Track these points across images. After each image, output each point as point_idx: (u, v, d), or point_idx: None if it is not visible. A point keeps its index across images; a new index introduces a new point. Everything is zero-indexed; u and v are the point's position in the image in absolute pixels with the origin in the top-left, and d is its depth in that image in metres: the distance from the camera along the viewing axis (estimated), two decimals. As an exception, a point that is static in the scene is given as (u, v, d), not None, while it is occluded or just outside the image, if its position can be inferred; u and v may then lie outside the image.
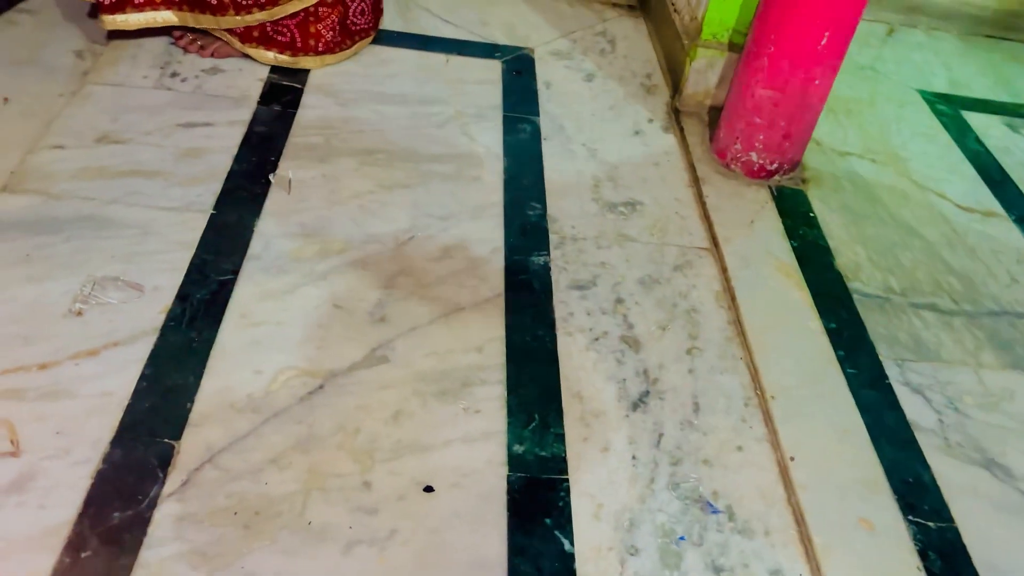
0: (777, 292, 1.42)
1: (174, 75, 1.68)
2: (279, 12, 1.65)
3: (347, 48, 1.81)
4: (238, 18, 1.65)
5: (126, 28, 1.65)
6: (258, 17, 1.66)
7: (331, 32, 1.74)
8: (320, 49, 1.75)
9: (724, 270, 1.45)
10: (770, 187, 1.64)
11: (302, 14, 1.68)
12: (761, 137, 1.60)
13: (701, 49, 1.76)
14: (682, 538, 1.05)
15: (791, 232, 1.54)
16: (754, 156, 1.62)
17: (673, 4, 1.98)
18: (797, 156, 1.66)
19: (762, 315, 1.36)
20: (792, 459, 1.16)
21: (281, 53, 1.73)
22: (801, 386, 1.26)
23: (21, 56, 1.67)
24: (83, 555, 0.93)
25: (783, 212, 1.59)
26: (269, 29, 1.69)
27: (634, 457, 1.14)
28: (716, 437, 1.18)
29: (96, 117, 1.54)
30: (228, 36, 1.70)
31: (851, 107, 1.94)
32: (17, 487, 0.98)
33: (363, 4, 1.79)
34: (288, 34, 1.71)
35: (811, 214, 1.60)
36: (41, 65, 1.65)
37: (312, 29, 1.71)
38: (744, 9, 1.71)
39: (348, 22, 1.77)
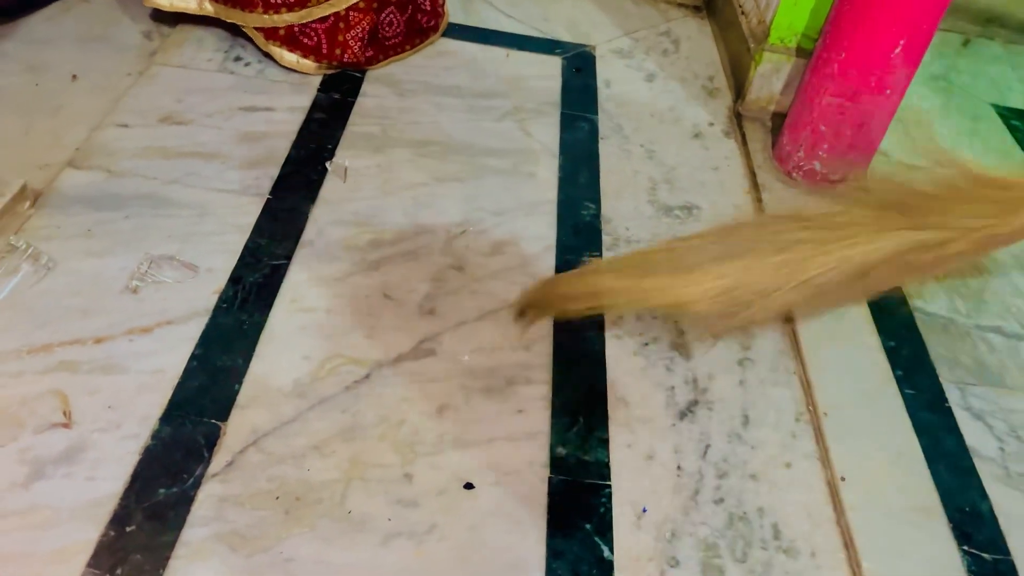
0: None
1: (237, 59, 1.70)
2: (308, 16, 1.61)
3: (378, 62, 1.74)
4: (266, 17, 1.62)
5: (161, 8, 1.66)
6: (286, 18, 1.62)
7: (359, 44, 1.66)
8: (345, 60, 1.67)
9: (780, 280, 1.41)
10: (832, 197, 1.59)
11: (332, 18, 1.62)
12: (825, 146, 1.55)
13: (768, 53, 1.72)
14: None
15: (852, 245, 1.49)
16: (817, 165, 1.58)
17: (740, 6, 1.94)
18: (862, 167, 1.61)
19: (818, 329, 1.32)
20: (843, 479, 1.12)
21: (304, 57, 1.66)
22: (855, 404, 1.22)
23: (92, 34, 1.70)
24: (128, 529, 0.94)
25: (845, 224, 1.54)
26: (296, 30, 1.64)
27: (679, 467, 1.11)
28: (764, 452, 1.15)
29: (161, 97, 1.56)
30: (253, 33, 1.66)
31: (921, 118, 1.88)
32: (67, 458, 0.99)
33: (393, 16, 1.72)
34: (315, 38, 1.65)
35: (874, 227, 1.54)
36: (111, 43, 1.69)
37: (340, 37, 1.64)
38: (815, 13, 1.67)
39: (380, 35, 1.72)
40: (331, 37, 1.65)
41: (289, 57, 1.67)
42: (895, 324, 1.36)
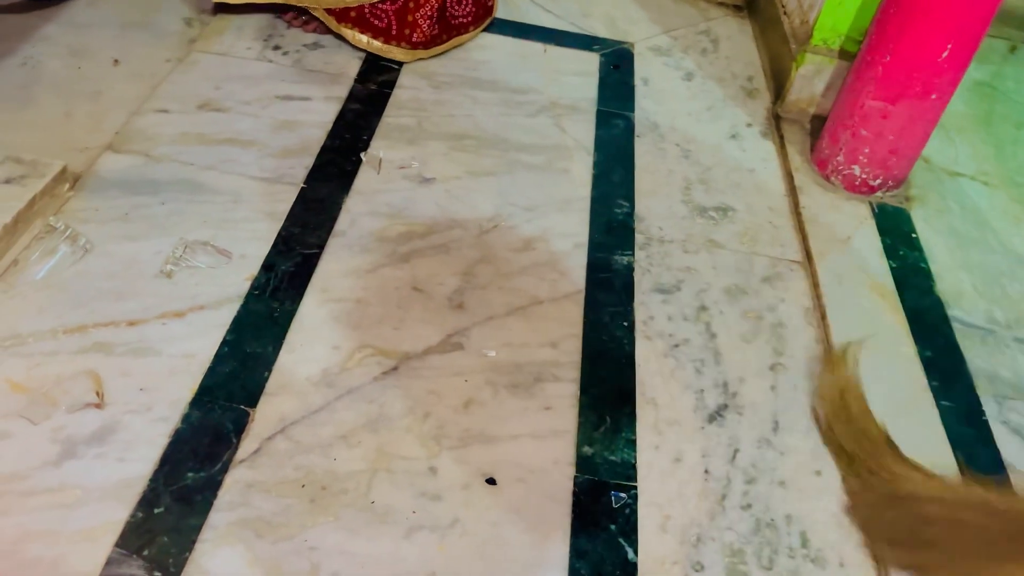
0: (871, 313, 1.35)
1: (276, 48, 1.71)
2: None
3: (442, 43, 1.76)
4: None
5: (231, 1, 1.68)
6: None
7: (428, 22, 1.69)
8: (414, 40, 1.71)
9: (816, 286, 1.39)
10: (871, 203, 1.57)
11: None
12: (866, 150, 1.53)
13: (810, 54, 1.69)
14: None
15: (890, 252, 1.47)
16: (857, 169, 1.55)
17: (783, 6, 1.91)
18: (903, 173, 1.58)
19: (853, 335, 1.30)
20: (874, 490, 1.10)
21: (375, 39, 1.70)
22: (890, 414, 1.20)
23: (134, 20, 1.72)
24: (156, 511, 0.95)
25: (883, 230, 1.51)
26: (367, 12, 1.67)
27: (707, 471, 1.10)
28: (794, 459, 1.14)
29: (199, 84, 1.58)
30: (324, 15, 1.70)
31: (964, 124, 1.84)
32: (98, 438, 1.01)
33: None
34: (385, 20, 1.68)
35: (913, 235, 1.52)
36: (152, 30, 1.70)
37: (410, 17, 1.68)
38: (860, 15, 1.64)
39: (447, 13, 1.74)
40: (400, 18, 1.67)
41: (360, 38, 1.70)
42: (932, 334, 1.33)
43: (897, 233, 1.51)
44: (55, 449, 0.99)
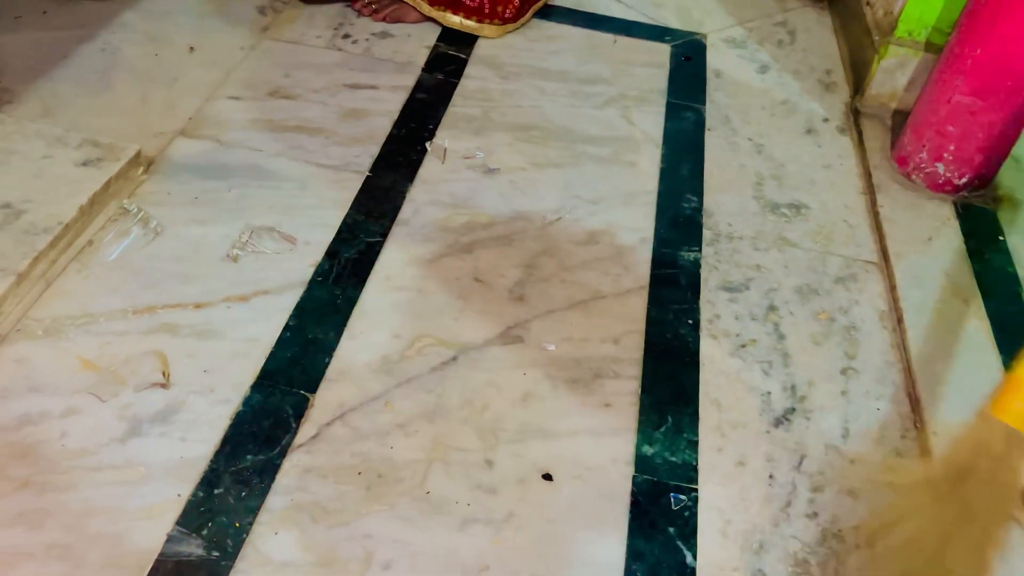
0: (951, 319, 1.28)
1: (346, 36, 1.72)
2: None
3: (524, 15, 1.79)
4: None
5: None
6: None
7: None
8: (506, 16, 1.73)
9: (892, 288, 1.33)
10: (955, 203, 1.49)
11: None
12: (952, 148, 1.45)
13: (893, 47, 1.62)
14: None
15: (974, 255, 1.39)
16: (940, 168, 1.48)
17: (865, -4, 1.84)
18: (990, 172, 1.50)
19: (931, 342, 1.24)
20: (950, 504, 1.05)
21: (467, 18, 1.73)
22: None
23: (209, 8, 1.75)
24: (215, 491, 0.96)
25: (967, 232, 1.44)
26: None
27: (771, 476, 1.06)
28: (865, 468, 1.09)
29: (270, 71, 1.60)
30: (416, 0, 1.72)
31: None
32: (163, 418, 1.02)
33: None
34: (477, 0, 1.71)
35: (1000, 237, 1.44)
36: (226, 18, 1.73)
37: None
38: (948, 6, 1.56)
39: None
40: None
41: (453, 19, 1.73)
42: (1018, 343, 1.25)
43: (982, 235, 1.44)
44: (122, 427, 1.01)
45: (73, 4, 1.68)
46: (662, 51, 1.84)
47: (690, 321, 1.24)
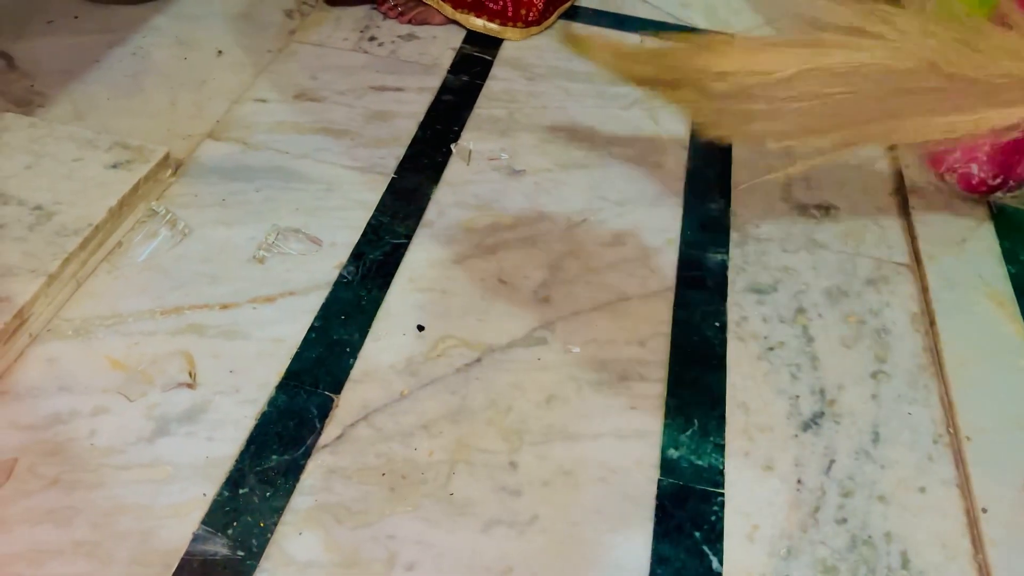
0: (985, 322, 1.26)
1: (372, 39, 1.73)
2: None
3: (549, 17, 1.78)
4: None
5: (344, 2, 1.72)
6: None
7: (542, 1, 1.72)
8: (529, 19, 1.73)
9: (925, 290, 1.30)
10: (990, 204, 1.46)
11: None
12: (987, 148, 1.42)
13: (925, 45, 1.59)
14: None
15: (1010, 257, 1.36)
16: (975, 168, 1.45)
17: (896, -6, 1.81)
18: (1026, 172, 1.47)
19: (965, 345, 1.21)
20: (984, 511, 1.02)
21: (490, 21, 1.73)
22: (1003, 430, 1.11)
23: (238, 11, 1.76)
24: (240, 491, 0.96)
25: (1003, 234, 1.41)
26: None
27: (799, 481, 1.04)
28: (896, 473, 1.07)
29: (297, 74, 1.61)
30: (439, 3, 1.72)
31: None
32: (189, 417, 1.03)
33: None
34: (500, 2, 1.71)
35: (1036, 239, 1.41)
36: (255, 21, 1.75)
37: None
38: (981, 1, 1.53)
39: None
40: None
41: (476, 22, 1.74)
42: (1055, 346, 1.23)
43: (1018, 237, 1.41)
44: (149, 426, 1.02)
45: (104, 8, 1.70)
46: (689, 51, 1.82)
47: (717, 323, 1.23)
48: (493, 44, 1.75)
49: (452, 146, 1.48)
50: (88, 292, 1.16)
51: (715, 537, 0.98)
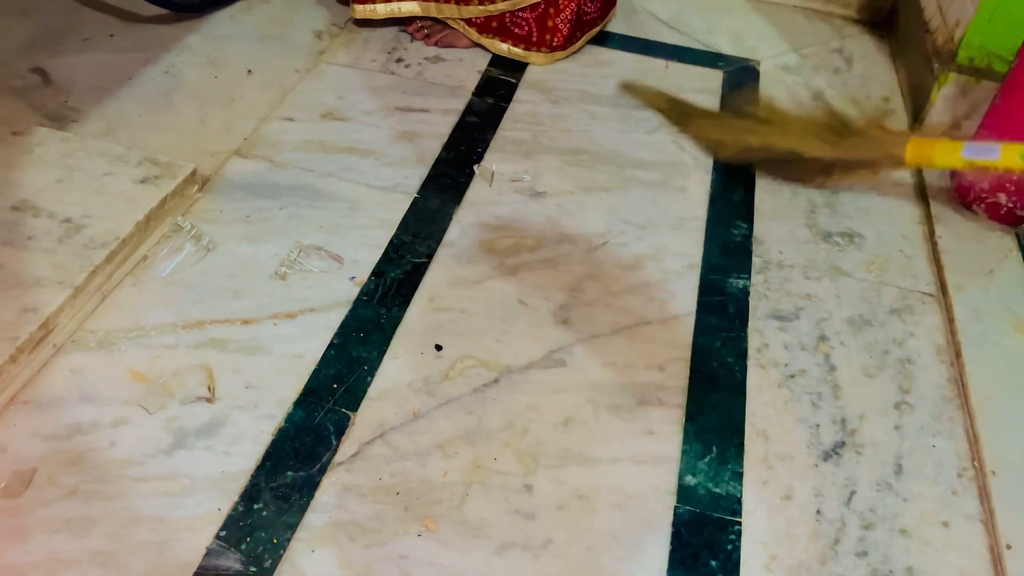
0: (1013, 355, 1.24)
1: (399, 60, 1.75)
2: (520, 2, 1.67)
3: (576, 42, 1.80)
4: (480, 8, 1.69)
5: (374, 17, 1.73)
6: (500, 7, 1.68)
7: (567, 26, 1.73)
8: (554, 44, 1.74)
9: (950, 321, 1.28)
10: (1018, 235, 1.44)
11: (542, 5, 1.68)
12: (1015, 177, 1.40)
13: (954, 75, 1.58)
14: None
15: (1038, 288, 1.34)
16: (1003, 198, 1.43)
17: (926, 23, 1.80)
18: (1056, 203, 1.45)
19: (991, 378, 1.19)
20: (1008, 547, 1.00)
21: (515, 46, 1.75)
22: (1031, 466, 1.09)
23: (268, 32, 1.79)
24: (255, 506, 0.97)
25: (1031, 265, 1.39)
26: (507, 20, 1.71)
27: (819, 511, 1.03)
28: (918, 506, 1.05)
29: (324, 94, 1.63)
30: (465, 27, 1.74)
31: None
32: (207, 431, 1.04)
33: None
34: (526, 27, 1.72)
35: (1065, 271, 1.38)
36: (284, 41, 1.77)
37: (550, 23, 1.71)
38: (1012, 32, 1.52)
39: (581, 11, 1.76)
40: (541, 24, 1.72)
41: (501, 46, 1.76)
42: (1085, 381, 1.20)
43: (1047, 268, 1.38)
44: (168, 439, 1.03)
45: (139, 27, 1.74)
46: (714, 77, 1.82)
47: (738, 350, 1.22)
48: (518, 67, 1.77)
49: (475, 167, 1.49)
50: (113, 304, 1.18)
51: (732, 567, 0.96)
